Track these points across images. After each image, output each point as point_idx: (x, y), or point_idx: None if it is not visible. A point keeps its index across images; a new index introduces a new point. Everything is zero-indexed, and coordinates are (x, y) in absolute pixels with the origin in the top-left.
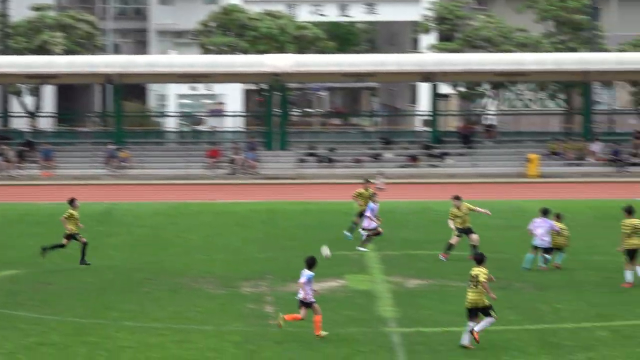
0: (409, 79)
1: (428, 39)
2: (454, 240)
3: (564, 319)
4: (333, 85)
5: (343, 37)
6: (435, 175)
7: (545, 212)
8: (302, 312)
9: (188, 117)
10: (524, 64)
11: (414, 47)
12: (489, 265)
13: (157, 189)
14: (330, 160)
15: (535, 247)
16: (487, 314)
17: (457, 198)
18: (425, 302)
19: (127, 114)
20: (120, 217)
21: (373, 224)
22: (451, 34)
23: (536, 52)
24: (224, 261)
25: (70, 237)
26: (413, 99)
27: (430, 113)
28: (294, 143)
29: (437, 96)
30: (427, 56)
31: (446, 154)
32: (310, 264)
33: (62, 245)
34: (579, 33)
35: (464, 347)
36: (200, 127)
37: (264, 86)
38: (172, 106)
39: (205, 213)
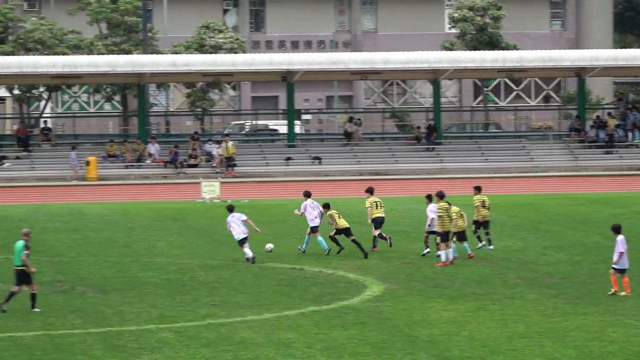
0: None
1: None
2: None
3: (127, 322)
4: None
5: None
6: None
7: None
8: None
9: None
10: (78, 66)
11: None
12: (51, 269)
13: None
14: None
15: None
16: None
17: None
18: None
19: None
20: None
21: None
22: (4, 36)
23: (90, 54)
24: None
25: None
26: None
27: None
28: None
29: None
30: None
31: (4, 157)
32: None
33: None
34: (132, 35)
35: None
36: None
37: None
38: None
39: None
